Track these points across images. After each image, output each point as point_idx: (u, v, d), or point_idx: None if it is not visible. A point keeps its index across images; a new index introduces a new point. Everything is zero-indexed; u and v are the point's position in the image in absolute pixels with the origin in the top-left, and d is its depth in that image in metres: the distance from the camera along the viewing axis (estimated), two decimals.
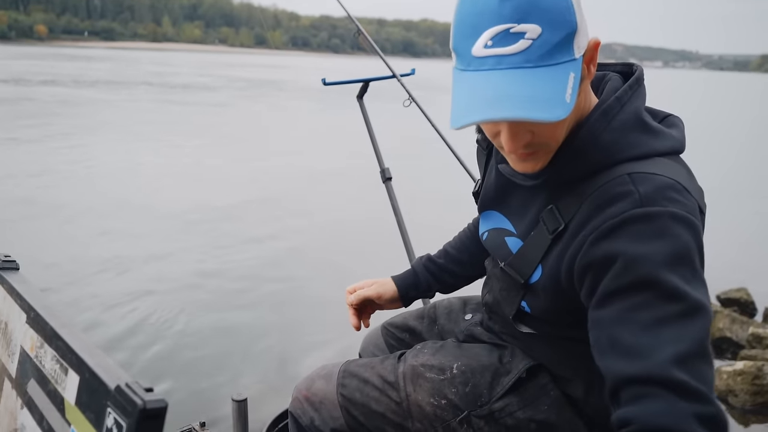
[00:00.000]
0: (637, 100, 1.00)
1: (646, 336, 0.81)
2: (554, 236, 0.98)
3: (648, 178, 0.91)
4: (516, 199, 1.11)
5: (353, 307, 1.44)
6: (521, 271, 1.05)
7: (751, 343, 3.89)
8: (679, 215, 0.87)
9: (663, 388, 0.78)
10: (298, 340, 3.81)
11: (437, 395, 1.18)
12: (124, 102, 18.13)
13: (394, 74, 2.55)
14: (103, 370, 0.64)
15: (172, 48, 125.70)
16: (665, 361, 0.79)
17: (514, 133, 0.92)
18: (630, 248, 0.86)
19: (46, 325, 0.76)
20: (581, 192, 0.96)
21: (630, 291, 0.85)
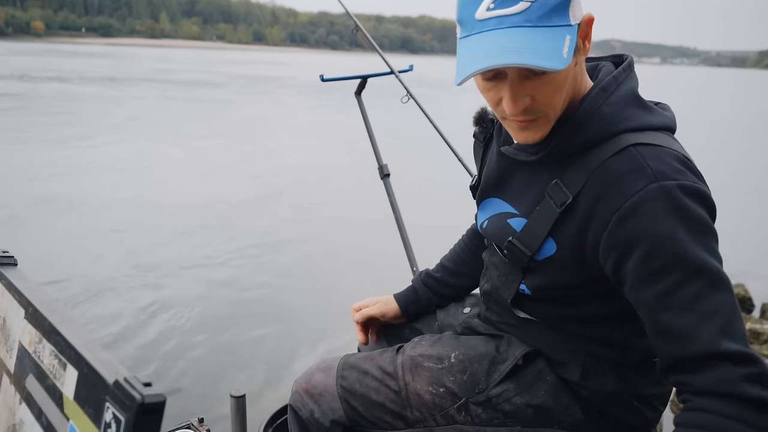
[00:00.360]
0: (632, 81, 1.06)
1: (687, 317, 0.90)
2: (563, 210, 1.02)
3: (654, 150, 0.97)
4: (517, 180, 1.14)
5: (359, 324, 1.51)
6: (529, 246, 1.08)
7: (749, 339, 3.90)
8: (689, 187, 0.94)
9: (715, 360, 0.88)
10: (297, 337, 3.81)
11: (436, 383, 1.20)
12: (131, 99, 18.24)
13: (392, 70, 2.55)
14: (102, 365, 0.65)
15: (169, 45, 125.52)
16: (711, 337, 0.89)
17: (515, 95, 0.97)
18: (652, 229, 0.92)
19: (44, 320, 0.76)
20: (585, 165, 1.01)
21: (661, 273, 0.92)
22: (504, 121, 1.06)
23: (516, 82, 0.97)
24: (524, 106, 0.98)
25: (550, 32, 0.93)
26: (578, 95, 1.04)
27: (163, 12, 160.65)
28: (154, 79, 27.39)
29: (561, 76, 0.98)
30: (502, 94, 0.99)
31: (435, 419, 1.20)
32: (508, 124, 1.06)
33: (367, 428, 1.25)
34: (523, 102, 0.97)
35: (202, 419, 1.49)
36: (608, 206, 0.96)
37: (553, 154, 1.04)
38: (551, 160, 1.05)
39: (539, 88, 0.97)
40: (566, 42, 0.93)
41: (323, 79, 2.46)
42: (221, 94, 22.04)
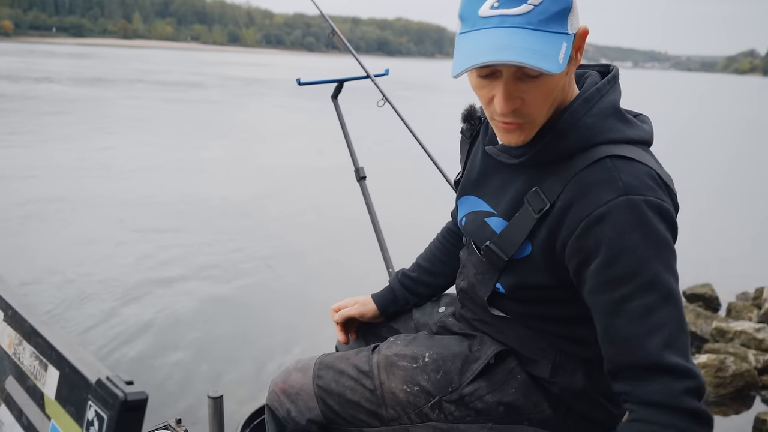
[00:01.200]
0: (615, 93, 1.11)
1: (636, 327, 0.96)
2: (540, 216, 1.06)
3: (628, 164, 1.02)
4: (496, 180, 1.18)
5: (339, 325, 1.55)
6: (506, 250, 1.12)
7: (714, 337, 4.01)
8: (655, 204, 0.99)
9: (657, 372, 0.94)
10: (273, 337, 3.81)
11: (410, 382, 1.22)
12: (124, 100, 18.19)
13: (368, 74, 2.57)
14: (84, 364, 0.66)
15: (143, 45, 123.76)
16: (656, 349, 0.94)
17: (508, 95, 1.01)
18: (615, 240, 0.98)
19: (24, 322, 0.77)
20: (563, 173, 1.05)
21: (617, 282, 0.98)
22: (492, 120, 1.09)
23: (510, 82, 1.00)
24: (514, 107, 1.02)
25: (548, 37, 0.97)
26: (563, 104, 1.08)
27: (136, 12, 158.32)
28: (144, 80, 27.32)
29: (553, 82, 1.02)
30: (494, 93, 1.03)
31: (409, 417, 1.23)
32: (495, 125, 1.09)
33: (343, 427, 1.27)
34: (513, 103, 1.01)
35: (180, 420, 1.50)
36: (578, 212, 1.01)
37: (534, 159, 1.08)
38: (531, 165, 1.10)
39: (531, 91, 1.01)
40: (563, 48, 0.98)
41: (300, 82, 2.48)
42: (213, 95, 22.13)
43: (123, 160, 9.32)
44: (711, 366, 3.39)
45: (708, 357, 3.46)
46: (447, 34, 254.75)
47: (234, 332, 3.86)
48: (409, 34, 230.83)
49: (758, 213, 8.66)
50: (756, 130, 22.12)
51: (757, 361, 3.59)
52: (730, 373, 3.37)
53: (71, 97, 18.30)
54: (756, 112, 32.21)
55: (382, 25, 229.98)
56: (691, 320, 4.17)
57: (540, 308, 1.15)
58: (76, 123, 12.89)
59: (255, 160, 10.12)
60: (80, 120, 13.37)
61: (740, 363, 3.45)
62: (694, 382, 0.94)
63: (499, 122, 1.06)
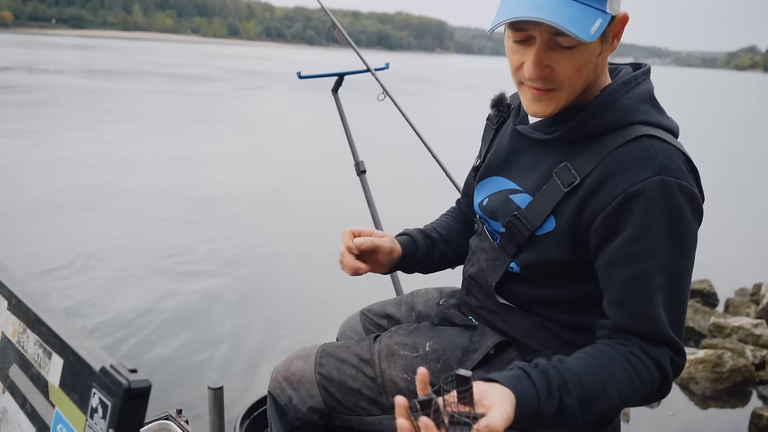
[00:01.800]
0: (649, 84, 1.15)
1: (650, 302, 1.03)
2: (569, 190, 1.08)
3: (665, 146, 1.05)
4: (526, 159, 1.19)
5: (356, 252, 1.28)
6: (531, 222, 1.13)
7: (712, 333, 4.02)
8: (686, 189, 1.03)
9: (662, 343, 1.05)
10: (274, 330, 3.83)
11: (410, 371, 1.23)
12: (140, 93, 18.38)
13: (368, 68, 2.57)
14: (88, 352, 0.67)
15: (143, 37, 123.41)
16: (664, 324, 1.04)
17: (537, 61, 1.04)
18: (644, 218, 1.02)
19: (28, 311, 0.78)
20: (596, 151, 1.07)
21: (637, 257, 1.03)
22: (520, 87, 1.12)
23: (542, 48, 1.03)
24: (543, 74, 1.05)
25: (585, 9, 1.00)
26: (596, 86, 1.11)
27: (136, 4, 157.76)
28: (154, 72, 27.59)
29: (585, 55, 1.04)
30: (525, 59, 1.06)
31: None
32: (523, 92, 1.12)
33: (344, 414, 1.28)
34: (543, 70, 1.05)
35: (180, 410, 1.51)
36: (614, 188, 1.03)
37: (568, 135, 1.11)
38: (564, 141, 1.12)
39: (562, 61, 1.04)
40: (597, 22, 1.00)
41: (300, 76, 2.48)
42: (223, 87, 22.42)
43: (141, 151, 9.41)
44: (708, 361, 3.41)
45: (705, 352, 3.48)
46: (447, 29, 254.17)
47: (235, 324, 3.87)
48: (410, 28, 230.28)
49: (757, 209, 8.68)
50: (756, 126, 22.12)
51: (754, 357, 3.61)
52: (727, 369, 3.39)
53: (87, 88, 18.56)
54: (756, 109, 32.20)
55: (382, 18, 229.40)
56: (689, 316, 4.19)
57: (548, 290, 1.16)
58: (94, 114, 13.02)
59: (268, 152, 10.14)
60: (98, 111, 13.49)
61: (738, 358, 3.47)
62: (682, 359, 1.08)
63: (528, 89, 1.09)
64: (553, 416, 0.95)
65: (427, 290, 1.54)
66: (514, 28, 1.05)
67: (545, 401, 0.94)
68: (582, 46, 1.03)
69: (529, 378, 0.95)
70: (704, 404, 3.30)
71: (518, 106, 1.25)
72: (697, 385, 3.39)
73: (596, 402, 0.99)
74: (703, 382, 3.37)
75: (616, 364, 1.01)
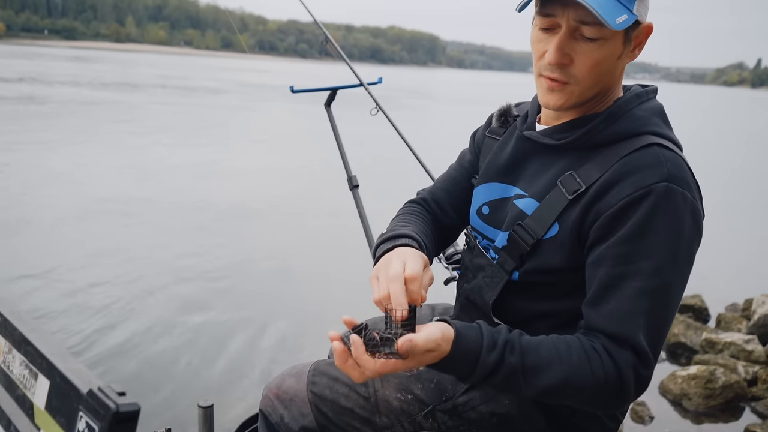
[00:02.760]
0: (658, 101, 1.19)
1: (626, 304, 1.01)
2: (574, 197, 1.08)
3: (674, 157, 1.06)
4: (532, 165, 1.19)
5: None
6: (535, 231, 1.12)
7: (704, 348, 4.02)
8: (690, 201, 1.04)
9: (626, 346, 1.01)
10: (268, 346, 3.79)
11: (404, 390, 1.22)
12: (149, 105, 18.55)
13: (361, 83, 2.58)
14: (75, 374, 0.65)
15: (136, 49, 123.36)
16: (634, 329, 1.00)
17: (560, 47, 1.06)
18: (644, 221, 1.01)
19: (14, 330, 0.76)
20: (605, 159, 1.08)
21: (626, 258, 1.02)
22: (538, 79, 1.13)
23: (566, 35, 1.06)
24: (563, 61, 1.06)
25: (614, 3, 1.02)
26: (611, 96, 1.14)
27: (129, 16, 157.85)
28: (165, 85, 27.95)
29: (604, 51, 1.06)
30: (548, 48, 1.08)
31: (403, 426, 1.22)
32: (539, 84, 1.13)
33: None
34: (564, 57, 1.07)
35: (170, 429, 1.48)
36: (621, 191, 1.04)
37: (579, 142, 1.12)
38: (574, 148, 1.13)
39: (582, 53, 1.06)
40: (623, 17, 1.03)
41: (293, 90, 2.48)
42: (232, 100, 22.79)
43: (158, 162, 9.51)
44: (701, 377, 3.40)
45: (698, 368, 3.47)
46: (440, 43, 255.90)
47: (226, 340, 3.83)
48: (402, 42, 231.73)
49: (747, 224, 8.73)
50: (745, 142, 22.33)
51: (746, 373, 3.61)
52: (719, 385, 3.38)
53: (100, 100, 18.81)
54: (745, 124, 32.54)
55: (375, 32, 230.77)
56: (681, 331, 4.19)
57: (546, 304, 1.15)
58: (110, 126, 13.16)
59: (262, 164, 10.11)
60: (114, 123, 13.65)
61: (730, 374, 3.46)
62: (648, 369, 1.02)
63: (545, 79, 1.11)
64: (493, 369, 0.97)
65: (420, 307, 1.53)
66: (542, 14, 1.07)
67: (487, 351, 0.96)
68: (604, 41, 1.05)
69: (479, 327, 0.99)
70: (697, 420, 3.29)
71: (525, 114, 1.25)
72: (690, 401, 3.38)
73: (539, 374, 0.99)
74: (695, 398, 3.36)
75: (571, 349, 1.01)
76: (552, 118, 1.19)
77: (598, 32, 1.04)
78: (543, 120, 1.22)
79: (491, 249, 1.22)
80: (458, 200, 1.37)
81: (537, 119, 1.23)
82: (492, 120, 1.34)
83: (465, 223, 1.36)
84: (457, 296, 1.33)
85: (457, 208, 1.37)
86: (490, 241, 1.23)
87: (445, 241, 1.42)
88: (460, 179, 1.38)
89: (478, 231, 1.27)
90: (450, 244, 1.47)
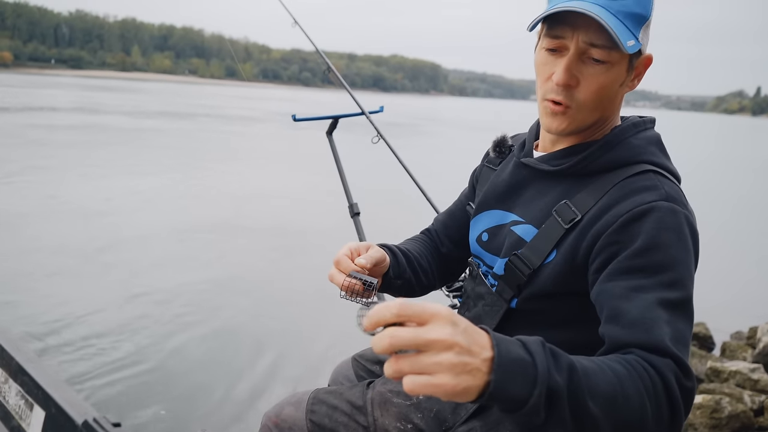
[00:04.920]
0: (656, 132, 1.18)
1: (651, 312, 0.92)
2: (570, 226, 1.08)
3: (671, 183, 1.07)
4: (529, 191, 1.19)
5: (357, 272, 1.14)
6: (532, 261, 1.12)
7: (709, 377, 3.98)
8: (691, 221, 1.03)
9: (665, 354, 0.88)
10: (266, 373, 3.76)
11: (404, 420, 1.21)
12: (199, 132, 19.60)
13: (363, 111, 2.60)
14: (70, 405, 0.65)
15: (141, 78, 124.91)
16: (666, 337, 0.90)
17: (569, 67, 1.07)
18: (652, 234, 0.99)
19: (11, 360, 0.76)
20: (600, 186, 1.08)
21: (640, 272, 0.97)
22: (542, 103, 1.13)
23: (574, 57, 1.06)
24: (571, 82, 1.07)
25: (622, 27, 1.03)
26: (609, 125, 1.14)
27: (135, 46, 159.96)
28: (210, 114, 29.08)
29: (610, 76, 1.07)
30: (555, 69, 1.08)
31: None
32: (543, 107, 1.13)
33: None
34: (571, 78, 1.07)
35: None
36: (619, 210, 1.03)
37: (576, 168, 1.12)
38: (571, 175, 1.13)
39: (589, 77, 1.07)
40: (632, 41, 1.04)
41: (296, 119, 2.50)
42: (270, 128, 23.81)
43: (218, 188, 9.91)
44: (707, 407, 3.36)
45: (704, 398, 3.43)
46: (441, 71, 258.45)
47: (224, 366, 3.80)
48: (404, 70, 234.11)
49: (751, 251, 8.70)
50: (746, 168, 22.37)
51: (752, 402, 3.56)
52: (726, 414, 3.33)
53: (144, 128, 19.81)
54: (746, 151, 32.63)
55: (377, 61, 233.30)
56: None
57: (545, 332, 1.07)
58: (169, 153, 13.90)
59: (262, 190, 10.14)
60: (173, 151, 14.47)
61: (736, 404, 3.42)
62: (690, 383, 0.89)
63: (548, 103, 1.11)
64: (562, 387, 0.75)
65: None
66: (551, 35, 1.08)
67: (544, 365, 0.74)
68: (611, 65, 1.06)
69: (521, 342, 0.77)
70: None
71: (522, 142, 1.26)
72: (695, 431, 3.33)
73: (594, 396, 0.78)
74: (701, 428, 3.32)
75: (615, 362, 0.85)
76: (549, 144, 1.20)
77: (607, 55, 1.05)
78: (540, 147, 1.23)
79: (490, 275, 1.22)
80: (452, 230, 1.43)
81: (534, 146, 1.24)
82: (489, 152, 1.37)
83: (463, 253, 1.40)
84: None
85: (451, 238, 1.43)
86: (489, 267, 1.23)
87: (449, 268, 1.45)
88: (455, 210, 1.45)
89: (480, 258, 1.27)
90: (457, 276, 1.50)
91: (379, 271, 1.23)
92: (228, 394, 3.47)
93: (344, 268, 1.13)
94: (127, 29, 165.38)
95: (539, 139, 1.24)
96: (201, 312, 4.73)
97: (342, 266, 1.14)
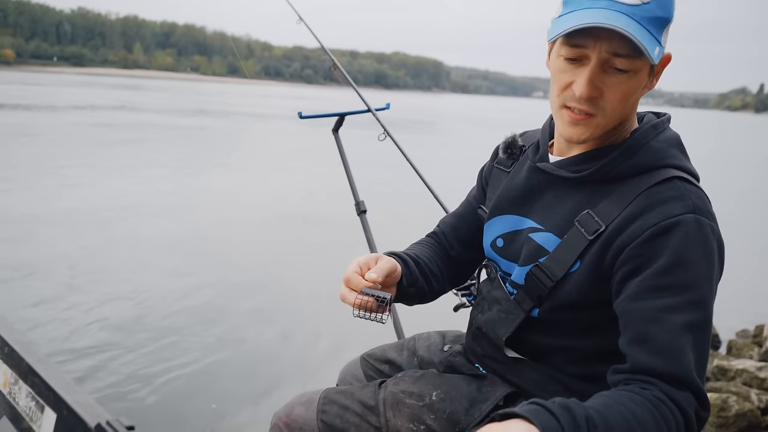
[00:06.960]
0: (674, 131, 1.16)
1: (678, 338, 0.95)
2: (594, 237, 1.05)
3: (696, 190, 1.05)
4: (546, 197, 1.16)
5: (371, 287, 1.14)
6: (554, 273, 1.09)
7: (716, 376, 3.96)
8: (716, 231, 1.03)
9: (687, 387, 0.94)
10: (276, 372, 3.75)
11: (416, 421, 1.19)
12: (241, 131, 20.08)
13: (369, 109, 2.58)
14: (82, 407, 0.63)
15: (143, 75, 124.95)
16: (690, 367, 0.95)
17: (592, 79, 1.02)
18: (678, 250, 0.98)
19: (21, 361, 0.75)
20: (624, 195, 1.05)
21: (666, 291, 0.97)
22: (560, 110, 1.09)
23: (596, 68, 1.02)
24: (594, 95, 1.03)
25: (647, 35, 1.00)
26: (627, 127, 1.11)
27: (137, 43, 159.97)
28: (235, 112, 29.53)
29: (634, 83, 1.04)
30: (574, 79, 1.04)
31: None
32: (561, 116, 1.09)
33: None
34: (595, 90, 1.03)
35: None
36: (645, 222, 1.01)
37: (597, 175, 1.09)
38: (592, 181, 1.10)
39: (612, 86, 1.03)
40: (656, 49, 1.01)
41: (302, 116, 2.48)
42: (291, 126, 23.48)
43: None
44: (713, 405, 3.34)
45: (710, 396, 3.41)
46: (444, 68, 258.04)
47: (233, 367, 3.79)
48: (407, 67, 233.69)
49: (756, 249, 8.66)
50: (749, 165, 22.30)
51: (759, 401, 3.54)
52: (733, 413, 3.32)
53: (189, 125, 20.29)
54: (749, 148, 32.54)
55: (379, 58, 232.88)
56: None
57: (564, 340, 1.12)
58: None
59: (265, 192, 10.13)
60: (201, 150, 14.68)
61: (743, 402, 3.40)
62: (706, 414, 0.97)
63: (569, 112, 1.07)
64: None
65: (429, 334, 1.50)
66: (571, 44, 1.03)
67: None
68: (634, 73, 1.03)
69: (548, 411, 0.83)
70: None
71: (536, 144, 1.23)
72: (702, 430, 3.31)
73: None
74: (708, 427, 3.30)
75: (639, 405, 0.90)
76: (565, 147, 1.17)
77: (630, 64, 1.01)
78: (556, 150, 1.19)
79: (508, 282, 1.20)
80: (461, 232, 1.40)
81: (549, 149, 1.21)
82: (498, 152, 1.33)
83: (473, 255, 1.38)
84: (469, 325, 1.31)
85: (461, 241, 1.40)
86: (507, 274, 1.21)
87: (458, 271, 1.43)
88: (464, 212, 1.42)
89: (495, 263, 1.26)
90: (467, 277, 1.47)
91: (392, 282, 1.20)
92: (237, 393, 3.46)
93: (355, 286, 1.12)
94: (129, 26, 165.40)
95: (554, 141, 1.21)
96: (209, 312, 4.72)
97: (353, 284, 1.13)
